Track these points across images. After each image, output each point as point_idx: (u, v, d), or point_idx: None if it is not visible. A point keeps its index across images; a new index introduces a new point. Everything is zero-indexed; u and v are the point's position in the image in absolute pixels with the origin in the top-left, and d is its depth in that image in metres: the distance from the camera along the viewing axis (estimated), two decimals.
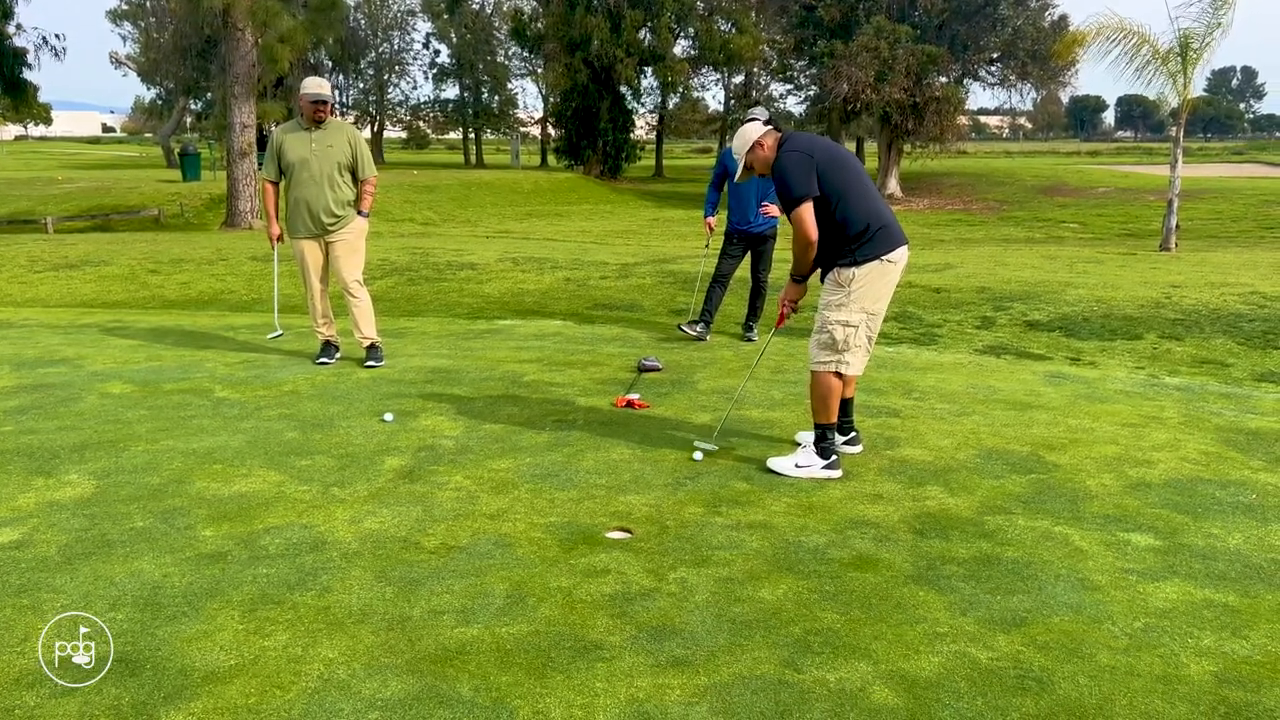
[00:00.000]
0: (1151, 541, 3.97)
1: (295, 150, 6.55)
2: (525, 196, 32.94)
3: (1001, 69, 36.87)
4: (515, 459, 4.89)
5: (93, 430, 5.28)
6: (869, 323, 4.61)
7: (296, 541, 3.90)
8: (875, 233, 4.52)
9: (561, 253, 13.25)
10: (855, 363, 4.65)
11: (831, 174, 4.47)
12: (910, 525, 4.12)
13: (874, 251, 4.53)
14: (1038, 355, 7.38)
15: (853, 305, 4.58)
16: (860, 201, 4.51)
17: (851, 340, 4.60)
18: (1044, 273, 11.00)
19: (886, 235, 4.55)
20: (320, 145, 6.54)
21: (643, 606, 3.40)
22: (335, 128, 6.65)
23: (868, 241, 4.52)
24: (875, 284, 4.55)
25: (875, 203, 4.59)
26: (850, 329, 4.59)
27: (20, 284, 10.57)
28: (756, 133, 4.65)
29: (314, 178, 6.53)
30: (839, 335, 4.60)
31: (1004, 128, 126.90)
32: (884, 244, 4.54)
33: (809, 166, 4.44)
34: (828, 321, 4.64)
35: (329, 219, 6.61)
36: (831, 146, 4.65)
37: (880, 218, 4.56)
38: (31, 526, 4.01)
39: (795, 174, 4.45)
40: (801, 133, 4.70)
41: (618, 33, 41.48)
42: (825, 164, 4.48)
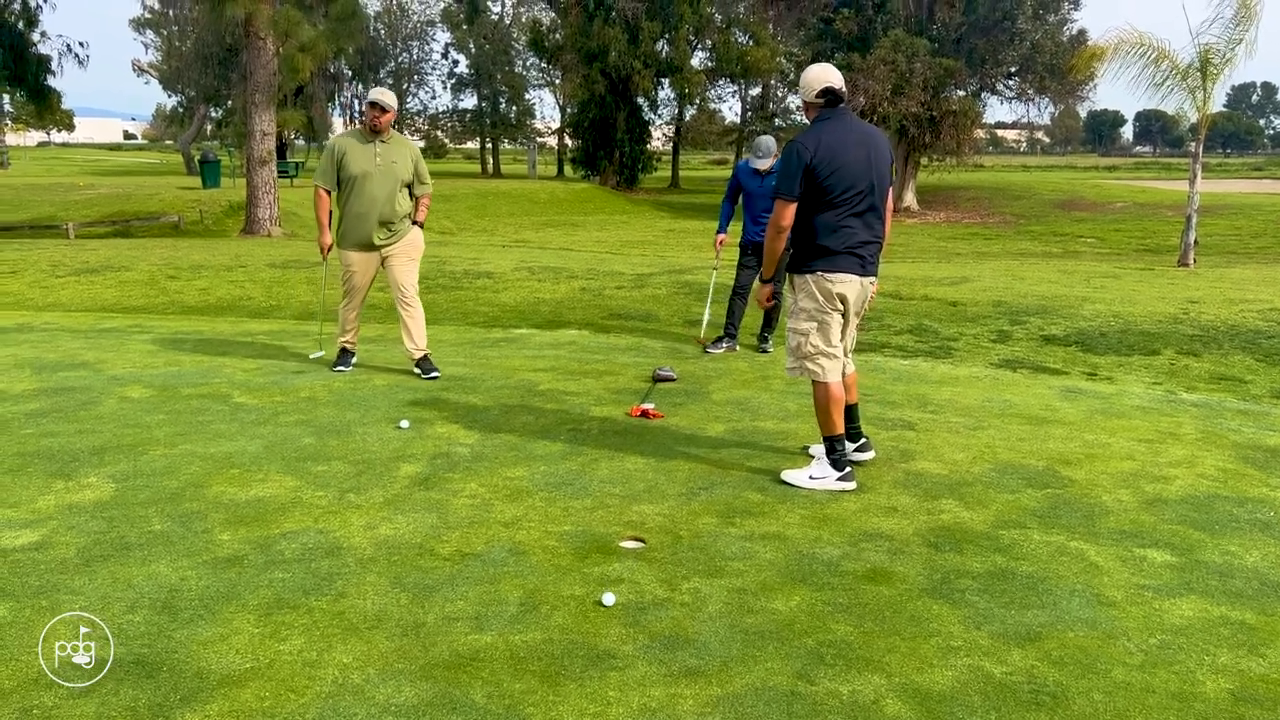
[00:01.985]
0: (1168, 558, 3.95)
1: (359, 163, 6.40)
2: (542, 206, 33.04)
3: (1019, 83, 36.80)
4: (530, 467, 4.90)
5: (112, 434, 5.33)
6: (821, 330, 4.63)
7: (312, 547, 3.92)
8: (830, 253, 4.55)
9: (577, 262, 13.29)
10: (819, 370, 4.66)
11: (823, 178, 4.47)
12: (924, 538, 4.11)
13: (817, 266, 4.59)
14: (1054, 370, 7.35)
15: (800, 312, 4.67)
16: (838, 218, 4.53)
17: (805, 347, 4.66)
18: (1061, 287, 10.96)
19: (840, 259, 4.56)
20: (385, 160, 6.42)
21: (656, 616, 3.41)
22: (398, 143, 6.56)
23: (820, 256, 4.57)
24: (815, 296, 4.61)
25: (855, 227, 4.56)
26: (800, 335, 4.67)
27: (42, 288, 10.67)
28: (818, 85, 4.56)
29: (377, 192, 6.41)
30: (791, 342, 4.73)
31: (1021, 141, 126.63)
32: (831, 264, 4.57)
33: (800, 164, 4.46)
34: (788, 327, 4.80)
35: (387, 234, 6.54)
36: (845, 149, 4.50)
37: (847, 242, 4.55)
38: (51, 528, 4.05)
39: (786, 169, 4.52)
40: (838, 118, 4.59)
41: (635, 44, 41.63)
42: (823, 166, 4.46)
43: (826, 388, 4.68)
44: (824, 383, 4.68)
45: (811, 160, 4.46)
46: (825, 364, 4.67)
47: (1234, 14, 16.58)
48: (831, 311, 4.64)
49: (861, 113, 33.62)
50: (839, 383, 4.72)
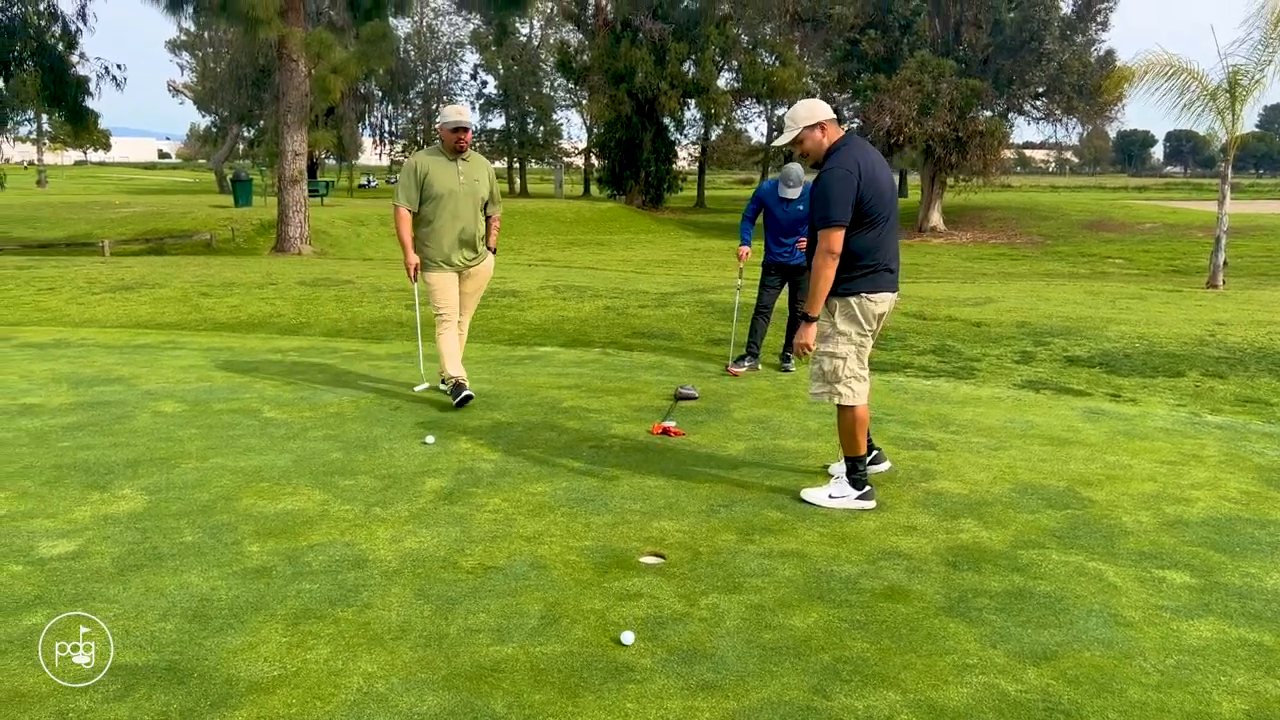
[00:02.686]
0: (1187, 579, 3.96)
1: (444, 181, 6.21)
2: (568, 225, 33.24)
3: (1046, 103, 36.67)
4: (552, 483, 4.97)
5: (145, 447, 5.45)
6: (858, 354, 4.67)
7: (339, 559, 4.01)
8: (873, 271, 4.58)
9: (602, 281, 13.39)
10: (849, 393, 4.67)
11: (867, 200, 4.49)
12: (943, 557, 4.14)
13: (860, 288, 4.59)
14: (1077, 391, 7.35)
15: (839, 337, 4.65)
16: (877, 237, 4.56)
17: (841, 371, 4.65)
18: (1086, 308, 10.93)
19: (881, 278, 4.61)
20: (468, 178, 6.27)
21: (674, 631, 3.46)
22: (477, 161, 6.41)
23: (861, 276, 4.58)
24: (858, 319, 4.63)
25: (889, 242, 4.63)
26: (838, 360, 4.65)
27: (78, 304, 10.89)
28: (825, 113, 4.58)
29: (462, 211, 6.26)
30: (827, 366, 4.69)
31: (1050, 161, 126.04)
32: (873, 284, 4.60)
33: (851, 189, 4.44)
34: (818, 352, 4.74)
35: (471, 254, 6.41)
36: (877, 169, 4.57)
37: (885, 259, 4.61)
38: (87, 539, 4.16)
39: (837, 194, 4.45)
40: (860, 140, 4.67)
41: (662, 65, 41.88)
42: (867, 188, 4.49)
43: (854, 410, 4.70)
44: (853, 406, 4.71)
45: (860, 184, 4.46)
46: (857, 387, 4.69)
47: (1262, 36, 16.51)
48: (869, 334, 4.68)
49: (887, 133, 33.67)
50: (865, 405, 4.75)
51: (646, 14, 42.10)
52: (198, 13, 19.01)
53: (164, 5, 18.26)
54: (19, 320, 10.10)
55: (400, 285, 11.83)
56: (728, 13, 43.52)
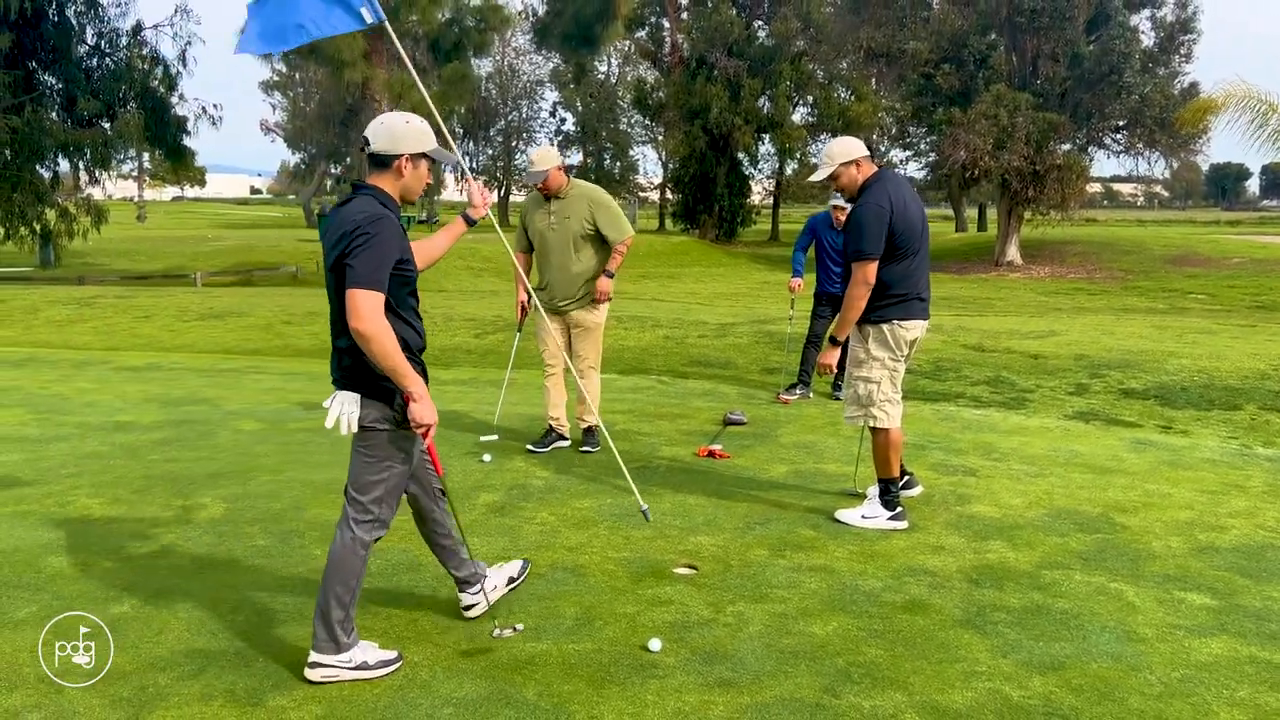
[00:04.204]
0: (1207, 601, 4.06)
1: (535, 225, 6.15)
2: (639, 259, 33.65)
3: (1127, 136, 36.07)
4: (598, 499, 5.24)
5: (226, 461, 5.87)
6: (891, 378, 4.87)
7: (395, 563, 4.33)
8: (904, 300, 4.81)
9: (664, 312, 13.69)
10: (884, 416, 4.87)
11: (899, 234, 4.72)
12: (967, 575, 4.30)
13: (892, 315, 4.82)
14: (1128, 423, 7.38)
15: (873, 362, 4.87)
16: (909, 268, 4.79)
17: (875, 395, 4.86)
18: (1150, 342, 10.87)
19: (912, 306, 4.84)
20: (559, 218, 6.04)
21: (699, 634, 3.69)
22: (574, 198, 6.05)
23: (893, 305, 4.81)
24: (890, 345, 4.84)
25: (920, 273, 4.86)
26: (872, 384, 4.87)
27: (170, 331, 11.56)
28: (860, 151, 4.84)
29: (553, 253, 6.08)
30: (862, 390, 4.90)
31: (1138, 195, 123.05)
32: (905, 312, 4.83)
33: (884, 223, 4.69)
34: (853, 377, 4.99)
35: (564, 299, 6.14)
36: (908, 204, 4.79)
37: (916, 289, 4.84)
38: (170, 540, 4.56)
39: (870, 228, 4.70)
40: (893, 175, 4.92)
41: (736, 101, 42.29)
42: (898, 222, 4.72)
43: (888, 434, 4.90)
44: (887, 429, 4.90)
45: (891, 218, 4.71)
46: (891, 410, 4.89)
47: None
48: (902, 359, 4.90)
49: (963, 166, 33.49)
50: (899, 428, 4.94)
51: (722, 51, 42.62)
52: (287, 55, 19.97)
53: None
54: (117, 345, 10.79)
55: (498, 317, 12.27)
56: (803, 49, 43.85)
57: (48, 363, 9.53)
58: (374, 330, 3.07)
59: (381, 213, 3.18)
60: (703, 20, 43.60)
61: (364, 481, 3.41)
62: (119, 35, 21.84)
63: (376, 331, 3.07)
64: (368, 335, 3.07)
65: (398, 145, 3.26)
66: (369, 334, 3.07)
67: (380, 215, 3.16)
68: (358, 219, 3.14)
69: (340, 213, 3.23)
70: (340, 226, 3.16)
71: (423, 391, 3.20)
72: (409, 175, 3.31)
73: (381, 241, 3.12)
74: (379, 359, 3.11)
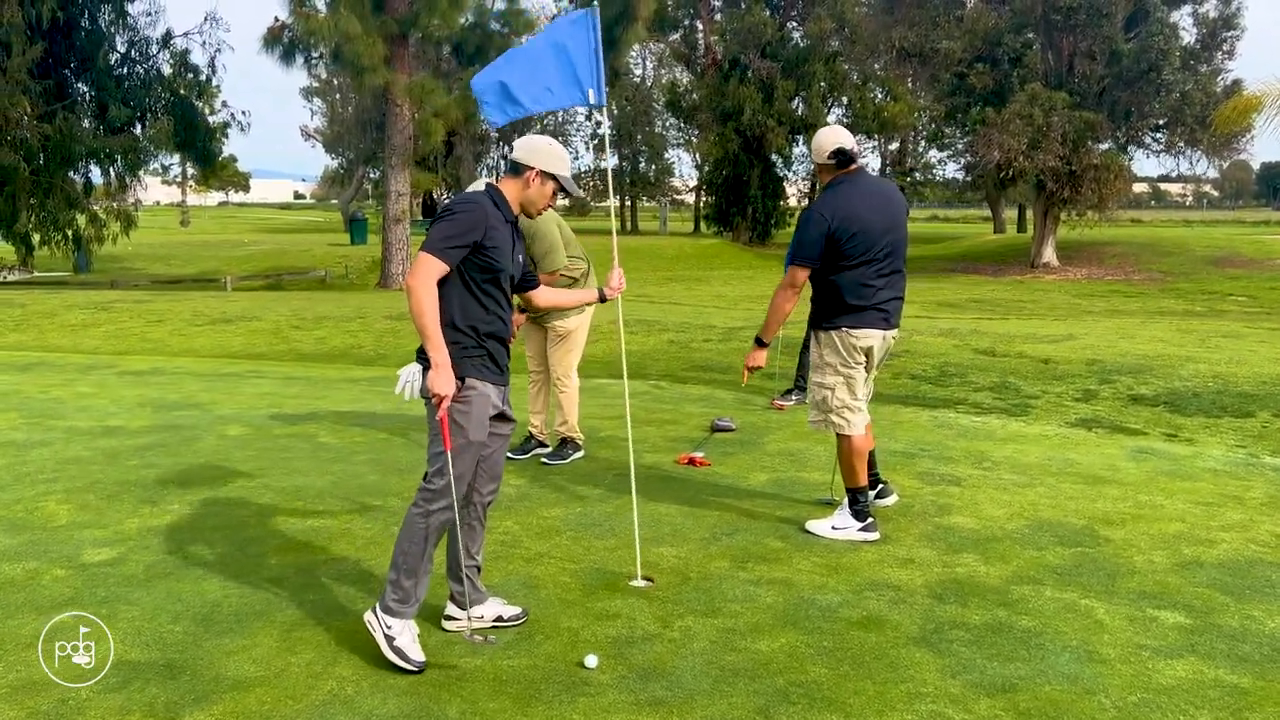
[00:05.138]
0: (1180, 620, 3.88)
1: None
2: (669, 262, 33.62)
3: (1168, 135, 35.33)
4: (567, 508, 5.16)
5: (203, 467, 5.86)
6: (847, 385, 4.73)
7: (347, 572, 4.27)
8: (857, 309, 4.66)
9: (675, 315, 13.57)
10: (843, 423, 4.74)
11: (844, 242, 4.57)
12: (931, 590, 4.15)
13: (842, 323, 4.68)
14: (1132, 430, 7.16)
15: (825, 367, 4.76)
16: (862, 276, 4.63)
17: (831, 401, 4.74)
18: (1169, 346, 10.57)
19: (865, 315, 4.67)
20: None
21: (641, 650, 3.58)
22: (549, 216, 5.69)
23: (845, 313, 4.67)
24: (840, 351, 4.70)
25: (879, 283, 4.67)
26: (826, 390, 4.76)
27: (180, 336, 11.65)
28: (829, 147, 4.67)
29: None
30: (818, 396, 4.81)
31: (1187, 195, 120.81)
32: (855, 320, 4.67)
33: (820, 231, 4.58)
34: (811, 381, 4.91)
35: None
36: (857, 212, 4.59)
37: (872, 298, 4.66)
38: (128, 547, 4.54)
39: (804, 234, 4.67)
40: (860, 179, 4.71)
41: (770, 102, 42.03)
42: (844, 231, 4.56)
43: (850, 440, 4.78)
44: (848, 435, 4.78)
45: (831, 228, 4.58)
46: (850, 417, 4.76)
47: None
48: (856, 366, 4.76)
49: (998, 166, 33.02)
50: (862, 435, 4.81)
51: (755, 52, 42.42)
52: (308, 63, 20.17)
53: (279, 55, 19.50)
54: (126, 349, 10.89)
55: None
56: (836, 49, 43.51)
57: (54, 367, 9.63)
58: (417, 288, 3.31)
59: (479, 199, 3.47)
60: (735, 22, 43.44)
61: (430, 453, 3.54)
62: (149, 43, 22.17)
63: (419, 290, 3.31)
64: (410, 290, 3.35)
65: (532, 159, 3.54)
66: (411, 289, 3.35)
67: (475, 200, 3.46)
68: (456, 199, 3.52)
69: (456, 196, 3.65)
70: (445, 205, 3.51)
71: (443, 361, 3.34)
72: (534, 189, 3.58)
73: (461, 220, 3.38)
74: (414, 317, 3.36)
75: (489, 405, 3.55)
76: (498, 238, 3.45)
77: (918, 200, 55.93)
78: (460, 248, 3.38)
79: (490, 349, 3.55)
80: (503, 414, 3.68)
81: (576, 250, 6.04)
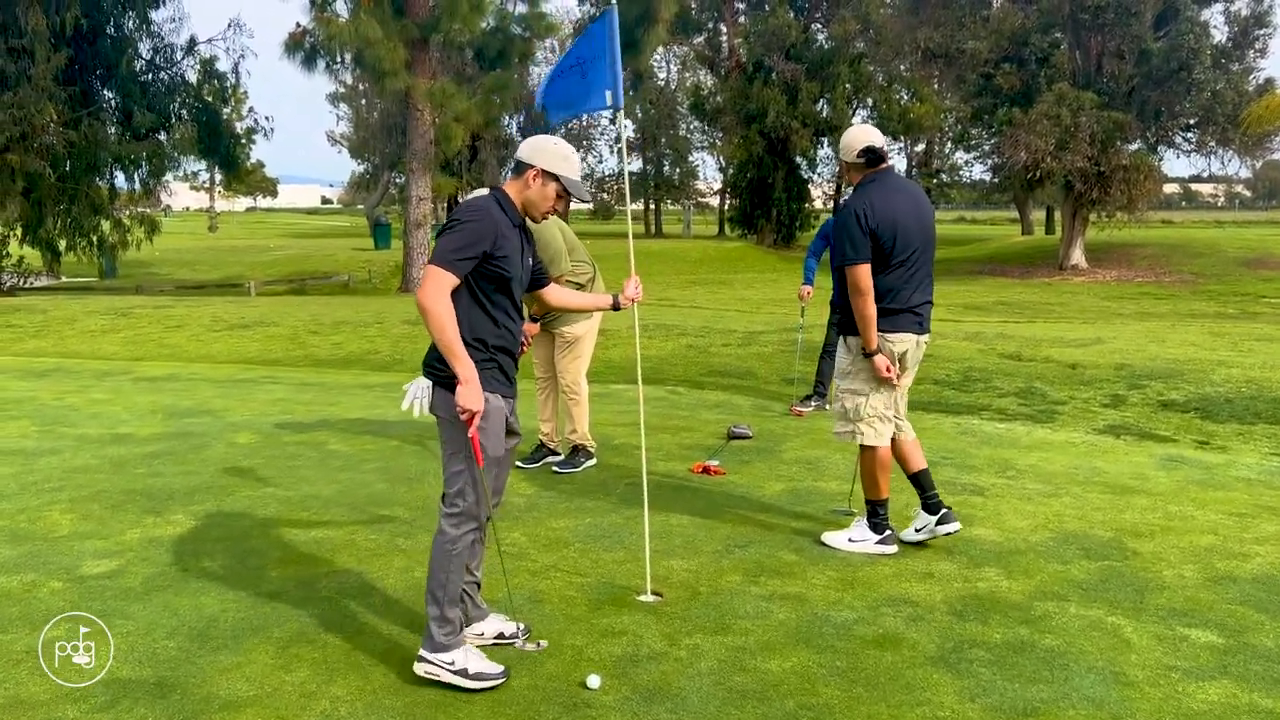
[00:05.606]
0: (1212, 639, 3.70)
1: None
2: (692, 265, 33.46)
3: (1199, 135, 34.77)
4: (576, 519, 5.03)
5: (209, 475, 5.79)
6: (880, 393, 4.53)
7: (349, 586, 4.17)
8: (891, 312, 4.47)
9: (695, 319, 13.42)
10: (871, 433, 4.55)
11: (885, 241, 4.39)
12: (951, 606, 3.99)
13: (879, 327, 4.46)
14: (1162, 437, 6.94)
15: (857, 374, 4.55)
16: (897, 279, 4.46)
17: (863, 409, 4.54)
18: (1201, 350, 10.31)
19: (900, 319, 4.49)
20: None
21: (646, 669, 3.45)
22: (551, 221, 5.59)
23: (881, 316, 4.45)
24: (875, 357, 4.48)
25: (912, 285, 4.50)
26: (859, 398, 4.55)
27: (198, 341, 11.64)
28: (859, 145, 4.49)
29: None
30: (849, 404, 4.60)
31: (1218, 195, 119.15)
32: (892, 324, 4.48)
33: (863, 230, 4.37)
34: (839, 389, 4.67)
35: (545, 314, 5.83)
36: (894, 211, 4.43)
37: (907, 301, 4.49)
38: (128, 559, 4.45)
39: (848, 232, 4.42)
40: (890, 179, 4.52)
41: (794, 104, 41.80)
42: (884, 230, 4.38)
43: (875, 452, 4.60)
44: (874, 446, 4.60)
45: (871, 225, 4.38)
46: (879, 427, 4.58)
47: None
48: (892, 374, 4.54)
49: (1024, 167, 32.61)
50: (887, 447, 4.63)
51: (779, 54, 42.21)
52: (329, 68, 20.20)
53: (300, 61, 19.54)
54: (143, 355, 10.88)
55: None
56: (861, 51, 43.22)
57: (71, 373, 9.62)
58: (431, 306, 3.17)
59: (487, 205, 3.34)
60: (759, 24, 43.28)
61: (448, 473, 3.42)
62: (174, 50, 22.29)
63: (434, 307, 3.17)
64: (425, 309, 3.19)
65: (533, 157, 3.40)
66: (426, 308, 3.18)
67: (483, 207, 3.32)
68: (463, 208, 3.35)
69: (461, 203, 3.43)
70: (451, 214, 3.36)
71: (471, 376, 3.21)
72: (534, 189, 3.42)
73: (471, 230, 3.25)
74: (434, 334, 3.21)
75: (504, 418, 3.44)
76: (507, 245, 3.32)
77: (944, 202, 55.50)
78: (470, 259, 3.24)
79: (500, 361, 3.43)
80: (510, 428, 3.55)
81: (581, 255, 5.92)
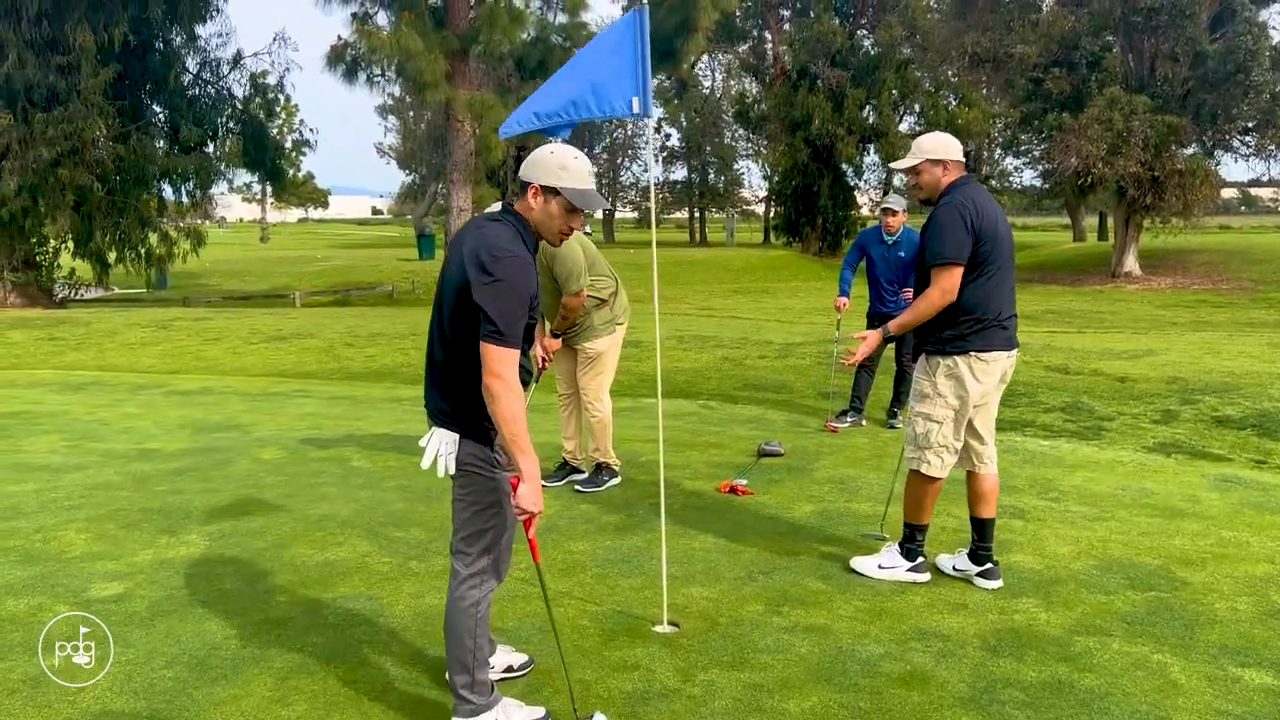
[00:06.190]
0: (1268, 680, 3.44)
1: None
2: (735, 274, 33.21)
3: (1258, 138, 33.82)
4: (595, 541, 4.87)
5: (230, 493, 5.71)
6: (955, 421, 4.22)
7: (355, 612, 4.04)
8: (982, 327, 4.13)
9: (732, 330, 13.21)
10: (936, 463, 4.25)
11: (984, 242, 4.09)
12: (984, 640, 3.77)
13: (969, 346, 4.13)
14: (1216, 456, 6.62)
15: (937, 399, 4.23)
16: (989, 288, 4.13)
17: (933, 436, 4.23)
18: (1260, 363, 9.89)
19: (992, 335, 4.14)
20: None
21: (656, 708, 3.28)
22: None
23: (972, 333, 4.12)
24: (961, 378, 4.17)
25: (1002, 295, 4.17)
26: (933, 424, 4.23)
27: (234, 354, 11.67)
28: (954, 154, 4.20)
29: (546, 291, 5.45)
30: (920, 429, 4.28)
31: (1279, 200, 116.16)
32: (984, 341, 4.13)
33: (966, 227, 4.06)
34: (914, 412, 4.35)
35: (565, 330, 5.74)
36: (995, 214, 4.17)
37: (997, 314, 4.15)
38: (137, 582, 4.37)
39: (953, 232, 4.08)
40: (974, 185, 4.23)
41: (839, 111, 41.39)
42: (986, 233, 4.09)
43: (933, 483, 4.34)
44: (933, 477, 4.32)
45: (976, 225, 4.07)
46: (947, 458, 4.28)
47: None
48: (970, 398, 4.19)
49: (1076, 173, 31.93)
50: (944, 478, 4.35)
51: (824, 61, 41.84)
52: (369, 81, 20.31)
53: (341, 74, 19.67)
54: (178, 368, 10.92)
55: None
56: (908, 56, 42.73)
57: (107, 386, 9.66)
58: (502, 393, 2.83)
59: (517, 251, 2.90)
60: (804, 31, 42.94)
61: (470, 530, 3.12)
62: (220, 64, 22.59)
63: (506, 394, 2.84)
64: (498, 394, 2.84)
65: (528, 172, 3.01)
66: (500, 394, 2.83)
67: (517, 254, 2.89)
68: (495, 251, 2.87)
69: (481, 232, 2.95)
70: (476, 252, 2.88)
71: (535, 474, 2.90)
72: (537, 208, 3.00)
73: (522, 290, 2.87)
74: (502, 422, 2.86)
75: None
76: (535, 286, 2.97)
77: None
78: (525, 322, 2.92)
79: None
80: None
81: (602, 269, 5.76)
